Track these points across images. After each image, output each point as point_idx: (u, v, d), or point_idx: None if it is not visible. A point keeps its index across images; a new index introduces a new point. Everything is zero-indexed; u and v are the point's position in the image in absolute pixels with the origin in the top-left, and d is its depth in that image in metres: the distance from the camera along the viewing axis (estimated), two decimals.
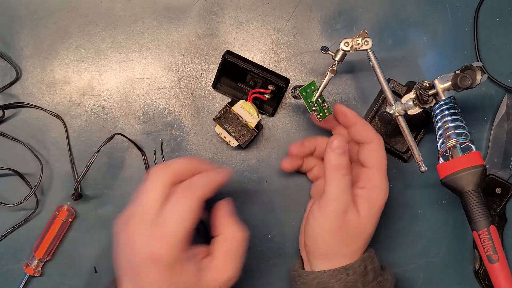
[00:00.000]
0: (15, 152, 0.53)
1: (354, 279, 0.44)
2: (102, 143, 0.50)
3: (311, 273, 0.46)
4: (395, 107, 0.48)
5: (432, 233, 0.55)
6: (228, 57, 0.51)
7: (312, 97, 0.47)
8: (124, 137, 0.53)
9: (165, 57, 0.54)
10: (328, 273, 0.44)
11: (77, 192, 0.52)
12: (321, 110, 0.48)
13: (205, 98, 0.55)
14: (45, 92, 0.54)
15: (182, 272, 0.39)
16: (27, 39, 0.54)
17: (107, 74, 0.54)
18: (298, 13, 0.55)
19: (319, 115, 0.48)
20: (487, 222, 0.47)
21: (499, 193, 0.54)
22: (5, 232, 0.52)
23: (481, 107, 0.56)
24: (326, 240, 0.45)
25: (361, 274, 0.45)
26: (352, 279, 0.44)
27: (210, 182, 0.41)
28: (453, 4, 0.56)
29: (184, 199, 0.39)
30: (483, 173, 0.47)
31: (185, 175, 0.41)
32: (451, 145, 0.49)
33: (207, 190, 0.40)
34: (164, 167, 0.41)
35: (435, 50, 0.56)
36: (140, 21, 0.54)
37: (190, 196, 0.39)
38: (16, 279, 0.52)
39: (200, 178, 0.41)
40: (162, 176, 0.40)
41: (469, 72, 0.45)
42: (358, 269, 0.45)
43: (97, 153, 0.50)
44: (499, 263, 0.46)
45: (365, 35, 0.47)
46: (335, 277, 0.44)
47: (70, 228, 0.53)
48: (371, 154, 0.46)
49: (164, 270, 0.38)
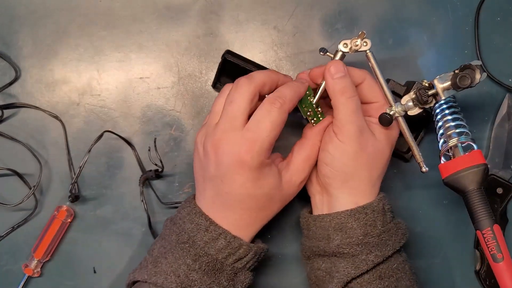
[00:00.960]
0: (14, 152, 0.53)
1: (373, 217, 0.43)
2: (92, 143, 0.50)
3: (327, 215, 0.45)
4: (395, 108, 0.48)
5: (432, 233, 0.55)
6: (228, 57, 0.51)
7: (306, 102, 0.46)
8: (115, 135, 0.53)
9: (164, 56, 0.54)
10: (346, 213, 0.43)
11: (73, 194, 0.51)
12: (315, 115, 0.47)
13: (204, 98, 0.54)
14: (44, 92, 0.54)
15: (267, 175, 0.42)
16: (26, 39, 0.54)
17: (107, 74, 0.54)
18: (298, 12, 0.55)
19: (313, 120, 0.48)
20: (491, 221, 0.47)
21: (500, 193, 0.54)
22: (4, 233, 0.52)
23: (482, 107, 0.56)
24: (346, 163, 0.44)
25: (380, 213, 0.44)
26: (371, 217, 0.43)
27: (296, 93, 0.44)
28: (454, 3, 0.56)
29: (276, 109, 0.41)
30: (485, 172, 0.47)
31: (269, 86, 0.44)
32: (453, 144, 0.49)
33: (294, 102, 0.44)
34: (249, 79, 0.43)
35: (435, 49, 0.56)
36: (139, 21, 0.54)
37: (279, 107, 0.42)
38: (15, 279, 0.52)
39: (287, 90, 0.43)
40: (248, 88, 0.42)
41: (468, 71, 0.45)
42: (376, 208, 0.44)
43: (88, 153, 0.49)
44: (504, 262, 0.46)
45: (363, 36, 0.47)
46: (354, 217, 0.43)
47: (69, 229, 0.53)
48: (371, 89, 0.46)
49: (251, 173, 0.41)
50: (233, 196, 0.42)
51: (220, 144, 0.41)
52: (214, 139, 0.42)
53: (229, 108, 0.42)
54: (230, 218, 0.43)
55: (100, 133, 0.51)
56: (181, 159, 0.54)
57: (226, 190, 0.42)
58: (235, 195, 0.42)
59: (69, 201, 0.52)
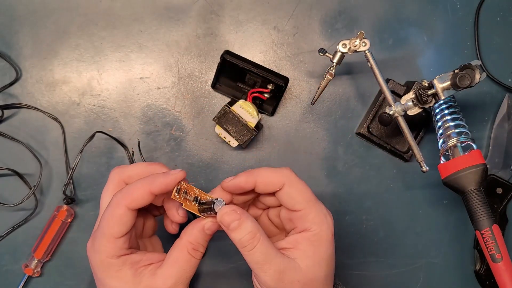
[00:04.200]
0: (15, 152, 0.53)
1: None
2: (84, 143, 0.50)
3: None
4: (395, 107, 0.48)
5: (432, 233, 0.55)
6: (226, 57, 0.51)
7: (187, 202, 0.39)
8: (106, 135, 0.53)
9: (164, 56, 0.54)
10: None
11: (67, 196, 0.51)
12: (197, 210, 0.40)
13: (205, 97, 0.54)
14: (45, 92, 0.54)
15: (116, 277, 0.38)
16: (26, 39, 0.54)
17: (107, 74, 0.54)
18: (298, 12, 0.55)
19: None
20: (490, 221, 0.47)
21: (500, 193, 0.54)
22: (4, 233, 0.52)
23: (482, 107, 0.56)
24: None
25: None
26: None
27: (138, 190, 0.38)
28: (454, 3, 0.56)
29: (112, 206, 0.38)
30: (484, 172, 0.47)
31: (137, 178, 0.40)
32: (452, 144, 0.49)
33: (136, 197, 0.38)
34: (117, 171, 0.42)
35: (435, 49, 0.56)
36: (139, 21, 0.54)
37: (115, 203, 0.38)
38: (15, 279, 0.52)
39: (131, 186, 0.38)
40: (112, 182, 0.41)
41: (467, 71, 0.45)
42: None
43: (80, 154, 0.49)
44: (502, 262, 0.46)
45: (362, 36, 0.47)
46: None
47: (69, 229, 0.53)
48: (290, 197, 0.40)
49: (99, 274, 0.39)
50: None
51: (87, 245, 0.41)
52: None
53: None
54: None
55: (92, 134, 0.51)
56: (181, 159, 0.54)
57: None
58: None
59: (64, 203, 0.52)
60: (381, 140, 0.54)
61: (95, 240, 0.39)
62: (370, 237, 0.55)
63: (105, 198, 0.41)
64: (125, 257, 0.39)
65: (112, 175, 0.42)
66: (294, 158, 0.54)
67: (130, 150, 0.53)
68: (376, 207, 0.55)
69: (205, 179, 0.54)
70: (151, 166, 0.42)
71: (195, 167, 0.54)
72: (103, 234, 0.38)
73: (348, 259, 0.54)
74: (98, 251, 0.38)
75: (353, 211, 0.55)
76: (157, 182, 0.38)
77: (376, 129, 0.54)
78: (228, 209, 0.38)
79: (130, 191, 0.38)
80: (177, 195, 0.39)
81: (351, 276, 0.54)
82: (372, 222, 0.55)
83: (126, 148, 0.53)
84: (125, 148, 0.53)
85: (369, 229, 0.55)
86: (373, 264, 0.55)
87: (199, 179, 0.54)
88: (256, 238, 0.37)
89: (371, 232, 0.55)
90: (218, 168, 0.54)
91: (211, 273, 0.54)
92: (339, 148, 0.55)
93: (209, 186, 0.54)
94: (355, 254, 0.54)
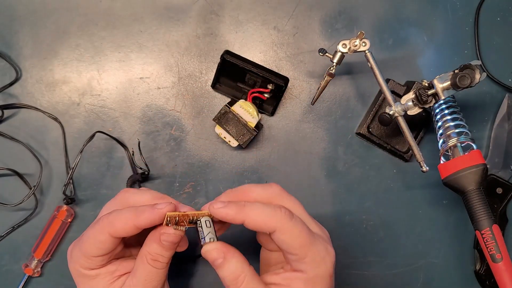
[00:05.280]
0: (14, 152, 0.53)
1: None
2: (84, 143, 0.50)
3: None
4: (395, 107, 0.48)
5: (432, 233, 0.55)
6: (226, 57, 0.51)
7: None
8: (106, 135, 0.53)
9: (164, 56, 0.54)
10: None
11: (67, 196, 0.51)
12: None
13: (205, 97, 0.54)
14: (45, 92, 0.54)
15: (90, 286, 0.39)
16: (26, 39, 0.54)
17: (107, 74, 0.54)
18: (298, 12, 0.55)
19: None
20: (490, 221, 0.47)
21: (500, 193, 0.54)
22: (4, 233, 0.52)
23: (482, 107, 0.56)
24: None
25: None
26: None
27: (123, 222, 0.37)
28: (454, 3, 0.56)
29: (96, 228, 0.38)
30: (484, 172, 0.47)
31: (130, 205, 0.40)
32: (452, 144, 0.49)
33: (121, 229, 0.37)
34: (124, 195, 0.41)
35: (435, 49, 0.56)
36: (139, 21, 0.54)
37: (100, 228, 0.37)
38: (15, 279, 0.52)
39: (118, 214, 0.37)
40: (116, 203, 0.41)
41: (468, 71, 0.45)
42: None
43: (80, 154, 0.49)
44: (502, 262, 0.46)
45: (362, 36, 0.47)
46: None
47: (70, 229, 0.53)
48: (284, 243, 0.37)
49: (74, 279, 0.40)
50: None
51: (68, 247, 0.41)
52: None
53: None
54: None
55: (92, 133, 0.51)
56: (181, 159, 0.54)
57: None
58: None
59: (64, 203, 0.52)
60: (381, 140, 0.54)
61: (74, 248, 0.39)
62: (370, 237, 0.55)
63: (105, 212, 0.40)
64: (99, 270, 0.39)
65: (119, 197, 0.41)
66: (294, 158, 0.54)
67: (130, 150, 0.53)
68: (376, 207, 0.55)
69: (205, 179, 0.54)
70: (159, 199, 0.40)
71: (195, 167, 0.54)
72: (80, 249, 0.38)
73: (348, 259, 0.54)
74: (74, 260, 0.39)
75: (353, 211, 0.55)
76: (142, 217, 0.36)
77: (376, 129, 0.54)
78: (213, 246, 0.37)
79: (116, 220, 0.37)
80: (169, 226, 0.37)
81: (351, 276, 0.54)
82: (372, 222, 0.55)
83: (126, 148, 0.53)
84: (125, 148, 0.53)
85: (369, 229, 0.55)
86: (373, 264, 0.55)
87: (199, 179, 0.54)
88: (240, 279, 0.36)
89: (371, 232, 0.55)
90: (218, 168, 0.54)
91: (212, 271, 0.53)
92: (339, 148, 0.55)
93: (209, 186, 0.54)
94: (355, 254, 0.54)
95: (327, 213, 0.54)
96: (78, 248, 0.38)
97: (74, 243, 0.40)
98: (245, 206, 0.37)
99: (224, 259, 0.36)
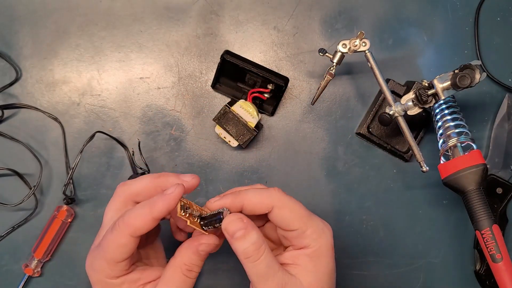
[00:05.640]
0: (14, 152, 0.53)
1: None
2: (84, 143, 0.50)
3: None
4: (395, 107, 0.48)
5: (432, 233, 0.55)
6: (226, 57, 0.51)
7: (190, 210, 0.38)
8: (106, 135, 0.53)
9: (164, 56, 0.54)
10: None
11: (67, 196, 0.51)
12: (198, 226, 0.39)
13: (205, 98, 0.54)
14: (45, 92, 0.54)
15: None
16: (26, 39, 0.54)
17: (107, 74, 0.54)
18: (298, 12, 0.55)
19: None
20: (490, 221, 0.47)
21: (500, 193, 0.54)
22: (5, 233, 0.52)
23: (482, 107, 0.56)
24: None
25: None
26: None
27: (141, 218, 0.37)
28: (454, 3, 0.56)
29: (114, 234, 0.37)
30: (484, 172, 0.47)
31: (144, 194, 0.39)
32: (452, 144, 0.49)
33: (140, 226, 0.36)
34: (122, 188, 0.40)
35: (435, 49, 0.56)
36: (139, 21, 0.54)
37: (119, 232, 0.37)
38: (15, 279, 0.52)
39: (132, 213, 0.37)
40: (118, 199, 0.40)
41: (468, 71, 0.45)
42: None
43: (80, 154, 0.49)
44: (502, 262, 0.46)
45: (362, 36, 0.47)
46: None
47: (70, 229, 0.53)
48: (283, 218, 0.38)
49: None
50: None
51: (86, 260, 0.40)
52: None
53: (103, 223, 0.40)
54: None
55: (93, 134, 0.51)
56: (181, 159, 0.54)
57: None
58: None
59: (64, 203, 0.52)
60: (381, 140, 0.54)
61: (95, 259, 0.38)
62: (370, 237, 0.55)
63: (109, 214, 0.40)
64: (124, 277, 0.38)
65: (118, 192, 0.40)
66: (294, 158, 0.54)
67: (130, 150, 0.53)
68: (376, 207, 0.55)
69: (205, 179, 0.54)
70: (157, 179, 0.40)
71: (195, 167, 0.54)
72: (104, 257, 0.37)
73: (348, 259, 0.54)
74: (97, 271, 0.38)
75: (353, 211, 0.55)
76: (156, 207, 0.36)
77: (376, 129, 0.54)
78: (234, 217, 0.37)
79: (132, 220, 0.36)
80: (183, 213, 0.37)
81: (351, 276, 0.54)
82: (372, 222, 0.55)
83: (126, 148, 0.53)
84: (125, 148, 0.53)
85: (369, 229, 0.55)
86: (373, 264, 0.55)
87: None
88: (261, 249, 0.36)
89: (371, 232, 0.55)
90: (218, 168, 0.54)
91: (213, 271, 0.54)
92: (339, 148, 0.55)
93: (209, 186, 0.54)
94: (355, 254, 0.54)
95: (327, 213, 0.54)
96: (101, 257, 0.37)
97: (93, 255, 0.39)
98: (241, 193, 0.38)
99: (245, 230, 0.36)
